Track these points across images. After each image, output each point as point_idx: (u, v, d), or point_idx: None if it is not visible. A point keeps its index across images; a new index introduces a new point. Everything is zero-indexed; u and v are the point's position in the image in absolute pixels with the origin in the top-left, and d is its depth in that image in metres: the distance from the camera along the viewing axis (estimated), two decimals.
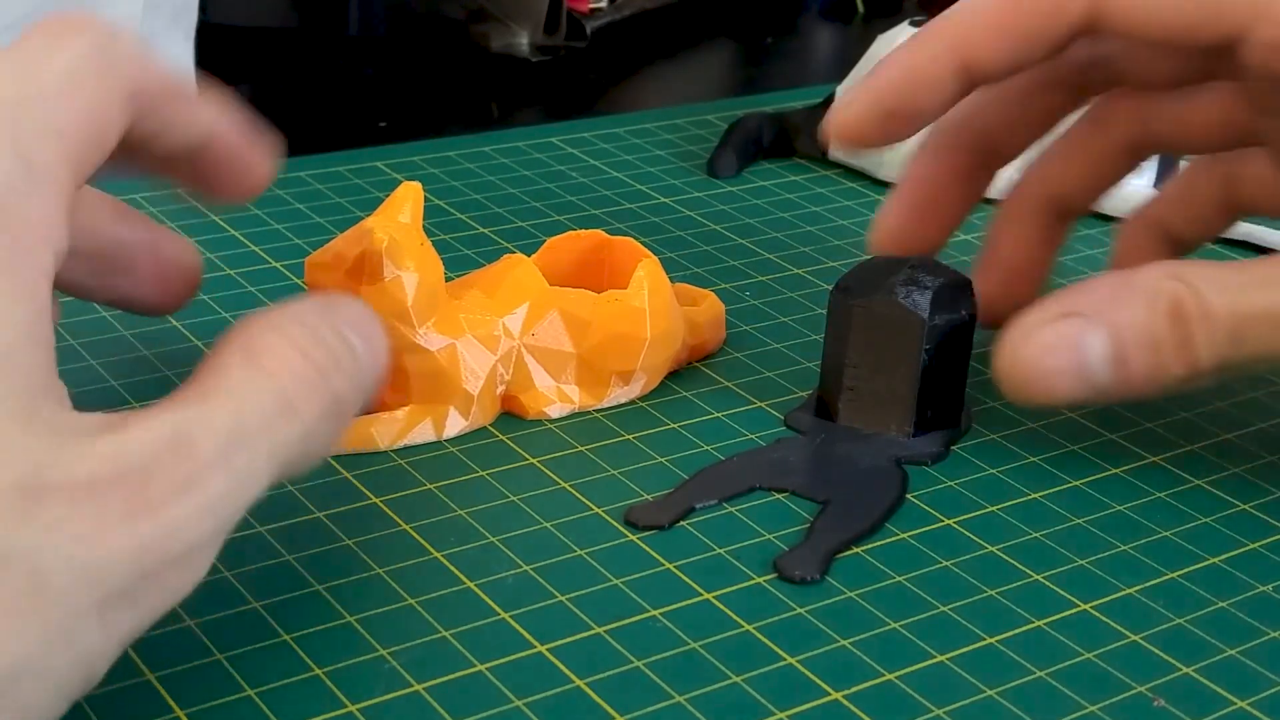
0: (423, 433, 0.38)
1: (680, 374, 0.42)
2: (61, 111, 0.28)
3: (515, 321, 0.39)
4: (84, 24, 0.29)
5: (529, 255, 0.41)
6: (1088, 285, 0.37)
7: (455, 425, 0.38)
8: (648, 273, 0.40)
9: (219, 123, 0.32)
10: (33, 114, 0.27)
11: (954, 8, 0.39)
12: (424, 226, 0.51)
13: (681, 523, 0.36)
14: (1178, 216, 0.44)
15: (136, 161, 0.32)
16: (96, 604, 0.25)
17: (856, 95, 0.39)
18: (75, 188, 0.28)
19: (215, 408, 0.27)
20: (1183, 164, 0.45)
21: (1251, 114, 0.40)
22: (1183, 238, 0.44)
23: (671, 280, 0.41)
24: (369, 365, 0.30)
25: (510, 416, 0.39)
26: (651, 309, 0.40)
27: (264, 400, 0.28)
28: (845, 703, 0.31)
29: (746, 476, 0.37)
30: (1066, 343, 0.36)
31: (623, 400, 0.40)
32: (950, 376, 0.39)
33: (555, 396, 0.39)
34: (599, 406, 0.40)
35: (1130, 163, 0.43)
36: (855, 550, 0.35)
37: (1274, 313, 0.36)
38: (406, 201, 0.38)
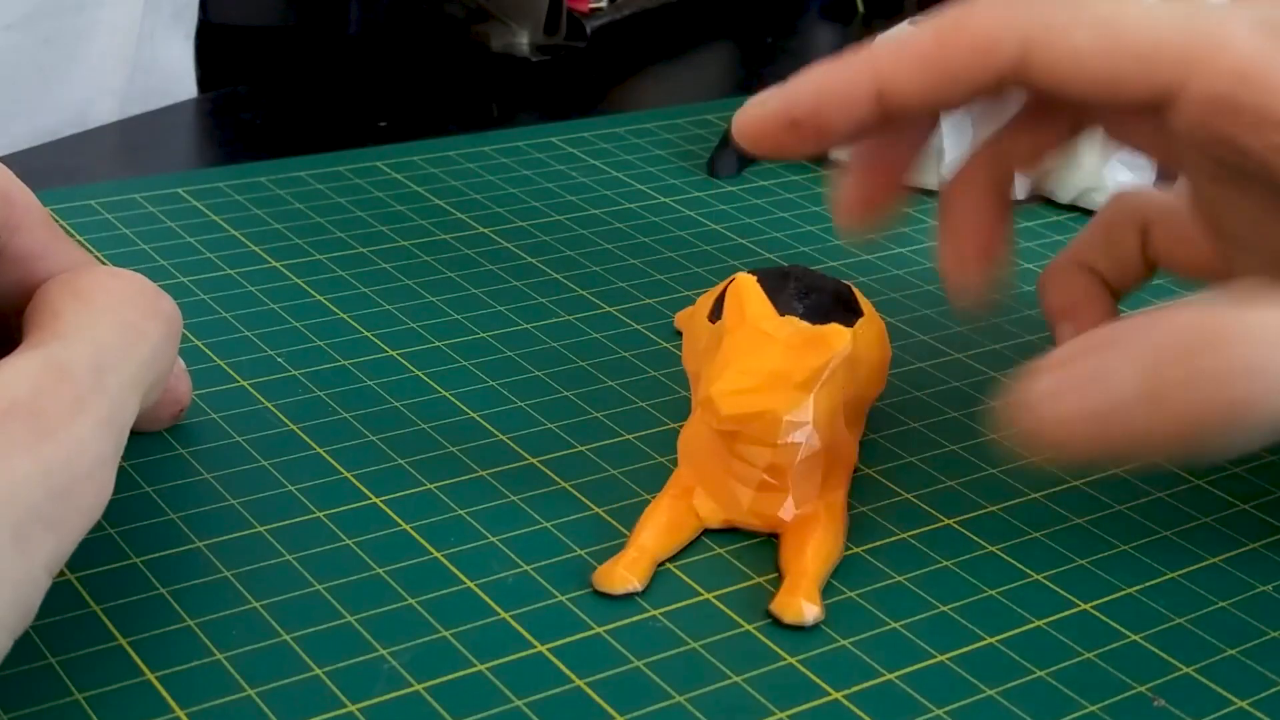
0: None
1: (677, 375, 0.42)
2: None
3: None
4: None
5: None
6: (1101, 330, 0.31)
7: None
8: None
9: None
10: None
11: (884, 36, 0.38)
12: (425, 226, 0.51)
13: None
14: (1102, 263, 0.42)
15: None
16: (10, 531, 0.26)
17: (767, 98, 0.37)
18: None
19: (74, 342, 0.29)
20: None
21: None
22: (1110, 284, 0.42)
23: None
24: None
25: (509, 417, 0.39)
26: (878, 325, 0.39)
27: (111, 330, 0.30)
28: (845, 703, 0.31)
29: None
30: (1084, 379, 0.30)
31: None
32: None
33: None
34: None
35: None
36: (855, 550, 0.35)
37: None
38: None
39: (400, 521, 0.35)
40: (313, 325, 0.43)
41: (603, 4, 0.69)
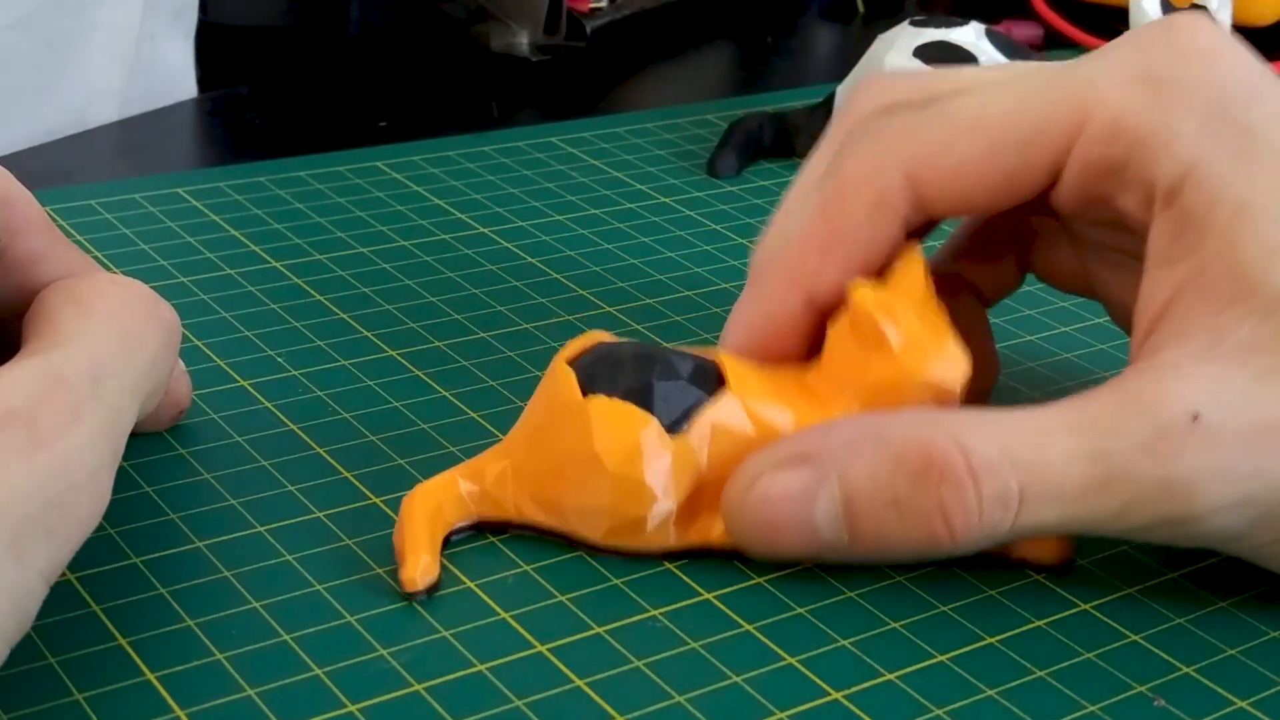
0: None
1: None
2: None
3: None
4: None
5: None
6: (833, 425, 0.33)
7: None
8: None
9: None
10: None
11: (784, 234, 0.36)
12: (424, 226, 0.51)
13: None
14: (973, 272, 0.40)
15: None
16: (7, 540, 0.26)
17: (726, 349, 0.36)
18: None
19: (73, 350, 0.29)
20: None
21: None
22: (983, 293, 0.40)
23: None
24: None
25: (509, 417, 0.39)
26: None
27: (110, 337, 0.30)
28: (845, 703, 0.31)
29: None
30: (792, 494, 0.32)
31: None
32: None
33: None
34: None
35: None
36: None
37: (1083, 475, 0.31)
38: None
39: None
40: (313, 325, 0.43)
41: (603, 4, 0.69)
